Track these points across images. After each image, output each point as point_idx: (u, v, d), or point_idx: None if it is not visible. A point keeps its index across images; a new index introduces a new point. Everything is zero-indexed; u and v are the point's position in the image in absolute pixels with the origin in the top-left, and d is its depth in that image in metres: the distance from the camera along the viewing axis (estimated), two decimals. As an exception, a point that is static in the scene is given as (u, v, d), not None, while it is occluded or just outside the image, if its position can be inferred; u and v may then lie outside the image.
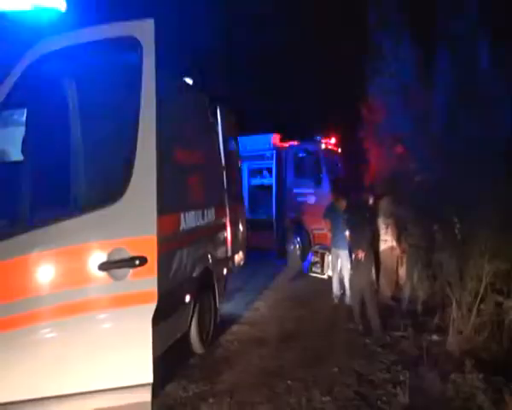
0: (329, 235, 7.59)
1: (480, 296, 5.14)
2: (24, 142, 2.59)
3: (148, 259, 2.58)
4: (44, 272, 2.56)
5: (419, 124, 6.90)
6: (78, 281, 2.57)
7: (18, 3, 2.84)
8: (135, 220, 2.59)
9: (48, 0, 2.85)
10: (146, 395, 2.64)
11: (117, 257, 2.56)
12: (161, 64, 2.67)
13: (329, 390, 4.31)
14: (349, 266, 7.26)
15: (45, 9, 2.86)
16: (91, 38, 2.60)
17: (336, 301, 7.42)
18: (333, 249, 7.57)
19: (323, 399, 4.18)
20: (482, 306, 5.17)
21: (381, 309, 6.10)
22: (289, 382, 4.49)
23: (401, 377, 4.40)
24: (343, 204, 6.89)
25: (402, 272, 6.95)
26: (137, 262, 2.56)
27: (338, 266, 7.51)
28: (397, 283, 7.14)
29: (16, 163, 2.76)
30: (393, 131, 6.74)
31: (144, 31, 2.58)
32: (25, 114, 2.57)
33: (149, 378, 2.63)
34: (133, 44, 2.57)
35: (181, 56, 9.38)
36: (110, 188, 2.71)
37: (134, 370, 2.62)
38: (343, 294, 7.41)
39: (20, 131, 2.63)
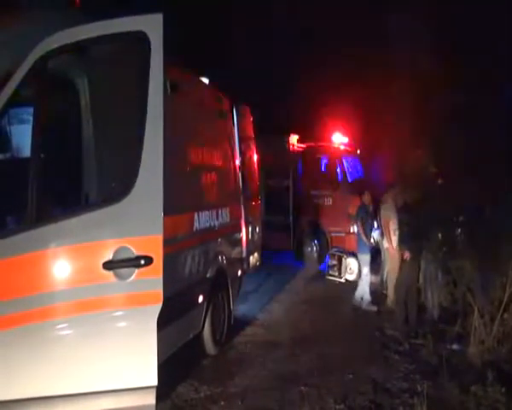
0: (356, 238, 7.51)
1: (503, 305, 4.94)
2: (32, 138, 2.57)
3: (154, 259, 2.52)
4: (49, 269, 2.53)
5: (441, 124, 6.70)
6: (83, 279, 2.54)
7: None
8: (141, 219, 2.54)
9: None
10: (150, 398, 2.59)
11: (122, 256, 2.52)
12: (176, 63, 2.61)
13: (344, 398, 4.19)
14: (365, 271, 7.18)
15: None
16: (99, 33, 2.57)
17: (357, 304, 7.24)
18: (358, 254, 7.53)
19: (337, 407, 4.06)
20: (506, 315, 4.96)
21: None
22: (302, 388, 4.39)
23: (419, 387, 4.23)
24: (369, 199, 7.20)
25: (420, 277, 6.75)
26: (143, 262, 2.51)
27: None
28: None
29: (24, 160, 2.75)
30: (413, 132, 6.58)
31: (152, 25, 2.54)
32: (33, 110, 2.55)
33: (154, 381, 2.58)
34: (141, 39, 2.52)
35: (197, 55, 9.38)
36: (116, 186, 2.66)
37: (138, 372, 2.57)
38: (361, 299, 7.26)
39: (28, 128, 2.62)
